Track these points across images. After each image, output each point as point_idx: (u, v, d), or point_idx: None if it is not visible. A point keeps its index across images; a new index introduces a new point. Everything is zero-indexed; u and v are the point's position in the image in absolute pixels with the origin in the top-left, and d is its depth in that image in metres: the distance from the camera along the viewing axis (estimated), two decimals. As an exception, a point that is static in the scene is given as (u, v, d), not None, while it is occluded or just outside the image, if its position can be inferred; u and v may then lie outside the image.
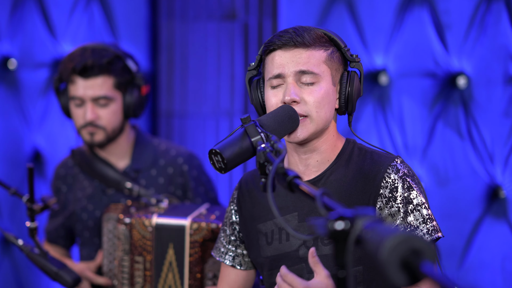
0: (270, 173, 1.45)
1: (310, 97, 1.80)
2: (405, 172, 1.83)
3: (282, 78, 1.83)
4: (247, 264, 2.05)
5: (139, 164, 2.76)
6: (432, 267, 1.07)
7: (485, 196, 2.96)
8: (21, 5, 3.64)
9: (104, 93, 2.64)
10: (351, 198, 1.83)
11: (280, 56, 1.83)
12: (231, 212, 2.05)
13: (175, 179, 2.77)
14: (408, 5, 3.03)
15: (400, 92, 3.07)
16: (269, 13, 3.48)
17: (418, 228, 1.78)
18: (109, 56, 2.65)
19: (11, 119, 3.67)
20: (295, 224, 1.88)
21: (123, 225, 2.45)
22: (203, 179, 2.83)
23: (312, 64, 1.81)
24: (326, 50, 1.83)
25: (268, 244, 1.93)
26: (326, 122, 1.84)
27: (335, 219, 1.20)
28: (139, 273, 2.45)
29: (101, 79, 2.63)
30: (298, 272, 1.87)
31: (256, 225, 1.96)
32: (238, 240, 2.04)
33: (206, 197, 2.80)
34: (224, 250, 2.06)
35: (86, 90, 2.63)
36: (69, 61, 2.64)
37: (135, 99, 2.70)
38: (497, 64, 2.89)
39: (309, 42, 1.81)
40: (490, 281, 2.96)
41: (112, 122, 2.67)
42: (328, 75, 1.83)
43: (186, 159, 2.79)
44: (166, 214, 2.47)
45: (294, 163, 1.92)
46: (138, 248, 2.44)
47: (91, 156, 2.76)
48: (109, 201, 2.73)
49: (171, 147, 2.83)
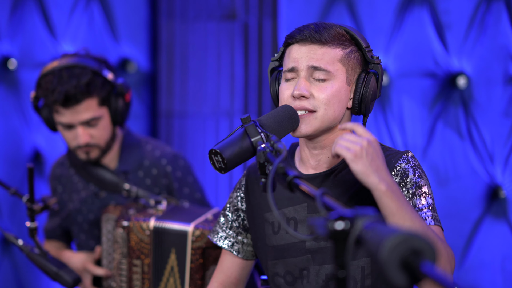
0: (270, 173, 1.45)
1: (320, 94, 1.81)
2: (416, 164, 1.84)
3: (296, 72, 1.83)
4: (245, 253, 2.03)
5: (126, 165, 2.74)
6: (432, 267, 1.07)
7: (485, 196, 2.96)
8: (21, 5, 3.64)
9: (91, 115, 2.60)
10: (361, 192, 1.82)
11: (296, 50, 1.84)
12: (237, 199, 2.03)
13: (160, 180, 2.75)
14: (408, 5, 3.03)
15: (400, 92, 3.07)
16: (269, 13, 3.48)
17: (423, 211, 1.79)
18: (87, 77, 2.57)
19: (11, 119, 3.67)
20: (304, 215, 1.88)
21: (121, 228, 2.44)
22: (189, 180, 2.79)
23: (326, 61, 1.81)
24: (344, 49, 1.83)
25: (274, 233, 1.92)
26: (333, 120, 1.84)
27: (335, 219, 1.20)
28: (137, 276, 2.45)
29: (85, 103, 2.58)
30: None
31: (263, 214, 1.95)
32: (240, 228, 2.02)
33: (192, 198, 2.77)
34: (223, 234, 2.04)
35: (73, 117, 2.59)
36: (48, 91, 2.57)
37: (121, 108, 2.66)
38: (497, 64, 2.89)
39: (325, 40, 1.81)
40: (490, 281, 2.96)
41: (104, 137, 2.65)
42: (343, 74, 1.83)
43: (170, 160, 2.76)
44: (169, 217, 2.45)
45: (305, 158, 1.91)
46: (136, 251, 2.44)
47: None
48: (102, 204, 2.72)
49: (157, 147, 2.80)
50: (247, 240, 2.03)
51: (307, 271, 1.87)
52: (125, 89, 2.65)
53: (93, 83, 2.58)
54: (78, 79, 2.56)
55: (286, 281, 1.91)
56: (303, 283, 1.88)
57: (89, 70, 2.59)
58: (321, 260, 1.86)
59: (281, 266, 1.91)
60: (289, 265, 1.90)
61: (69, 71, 2.58)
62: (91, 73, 2.59)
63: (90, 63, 2.62)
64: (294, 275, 1.89)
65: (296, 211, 1.89)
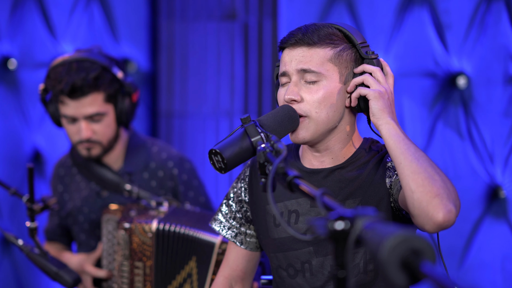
0: (270, 173, 1.45)
1: (310, 96, 1.79)
2: None
3: (288, 76, 1.83)
4: (248, 244, 2.01)
5: (132, 167, 2.74)
6: (432, 267, 1.07)
7: (485, 196, 2.96)
8: (21, 5, 3.64)
9: (96, 110, 2.60)
10: (363, 186, 1.82)
11: (287, 54, 1.83)
12: (240, 190, 2.00)
13: (166, 182, 2.74)
14: (408, 5, 3.03)
15: (400, 92, 3.07)
16: (269, 13, 3.48)
17: None
18: (96, 71, 2.58)
19: (11, 119, 3.67)
20: (307, 208, 1.87)
21: (122, 230, 2.44)
22: (194, 183, 2.79)
23: (315, 62, 1.80)
24: (334, 48, 1.81)
25: (275, 226, 1.91)
26: (329, 122, 1.82)
27: (335, 219, 1.20)
28: (139, 278, 2.44)
29: (91, 97, 2.58)
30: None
31: (265, 206, 1.94)
32: (243, 219, 2.00)
33: (196, 202, 2.76)
34: (227, 224, 2.02)
35: (77, 110, 2.59)
36: (56, 81, 2.58)
37: (127, 108, 2.66)
38: (497, 64, 2.89)
39: (314, 41, 1.80)
40: (490, 281, 2.96)
41: (107, 135, 2.65)
42: (335, 74, 1.81)
43: (176, 163, 2.76)
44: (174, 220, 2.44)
45: (307, 158, 1.90)
46: (138, 253, 2.43)
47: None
48: (104, 204, 2.72)
49: (163, 149, 2.80)
50: (250, 231, 2.00)
51: (309, 264, 1.86)
52: (133, 89, 2.66)
53: (101, 78, 2.59)
54: (87, 72, 2.57)
55: (289, 274, 1.89)
56: (306, 276, 1.87)
57: (99, 65, 2.60)
58: (325, 251, 1.84)
59: (282, 259, 1.90)
60: (291, 258, 1.88)
61: (78, 64, 2.59)
62: (100, 68, 2.60)
63: (101, 59, 2.63)
64: (296, 268, 1.88)
65: (298, 204, 1.88)
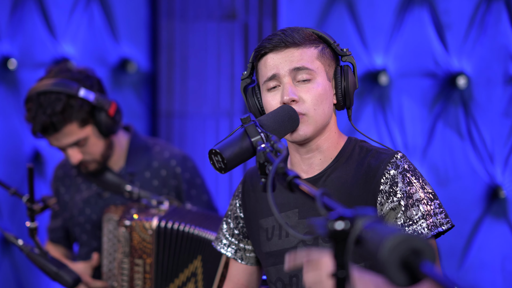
0: (270, 173, 1.45)
1: (307, 95, 1.80)
2: (405, 167, 1.82)
3: (278, 79, 1.82)
4: (248, 259, 2.03)
5: (134, 167, 2.74)
6: (432, 267, 1.07)
7: (485, 196, 2.96)
8: (21, 5, 3.64)
9: (75, 139, 2.59)
10: (351, 195, 1.82)
11: (272, 58, 1.83)
12: (235, 206, 2.03)
13: (169, 181, 2.75)
14: (408, 5, 3.03)
15: (400, 92, 3.07)
16: (269, 13, 3.48)
17: (418, 223, 1.78)
18: (61, 103, 2.53)
19: (11, 119, 3.67)
20: (295, 220, 1.87)
21: (123, 227, 2.45)
22: (197, 182, 2.80)
23: (306, 60, 1.81)
24: (316, 47, 1.84)
25: (268, 239, 1.92)
26: (326, 118, 1.83)
27: (335, 219, 1.20)
28: (139, 275, 2.45)
29: (65, 129, 2.57)
30: (294, 270, 1.85)
31: (258, 220, 1.95)
32: (241, 235, 2.02)
33: (199, 200, 2.77)
34: (226, 242, 2.04)
35: (58, 142, 2.60)
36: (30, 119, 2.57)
37: (106, 123, 2.61)
38: (497, 64, 2.89)
39: (299, 41, 1.82)
40: (490, 281, 2.96)
41: (97, 152, 2.65)
42: (323, 71, 1.83)
43: (179, 161, 2.76)
44: (174, 218, 2.44)
45: (296, 163, 1.91)
46: (138, 250, 2.44)
47: None
48: (105, 204, 2.72)
49: (165, 148, 2.80)
50: (248, 247, 2.03)
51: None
52: (106, 104, 2.60)
53: (69, 108, 2.55)
54: (53, 108, 2.53)
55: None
56: None
57: (64, 94, 2.55)
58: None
59: (273, 272, 1.90)
60: (280, 271, 1.89)
61: (45, 98, 2.55)
62: (65, 98, 2.54)
63: (67, 84, 2.57)
64: (285, 282, 1.88)
65: (287, 217, 1.88)
